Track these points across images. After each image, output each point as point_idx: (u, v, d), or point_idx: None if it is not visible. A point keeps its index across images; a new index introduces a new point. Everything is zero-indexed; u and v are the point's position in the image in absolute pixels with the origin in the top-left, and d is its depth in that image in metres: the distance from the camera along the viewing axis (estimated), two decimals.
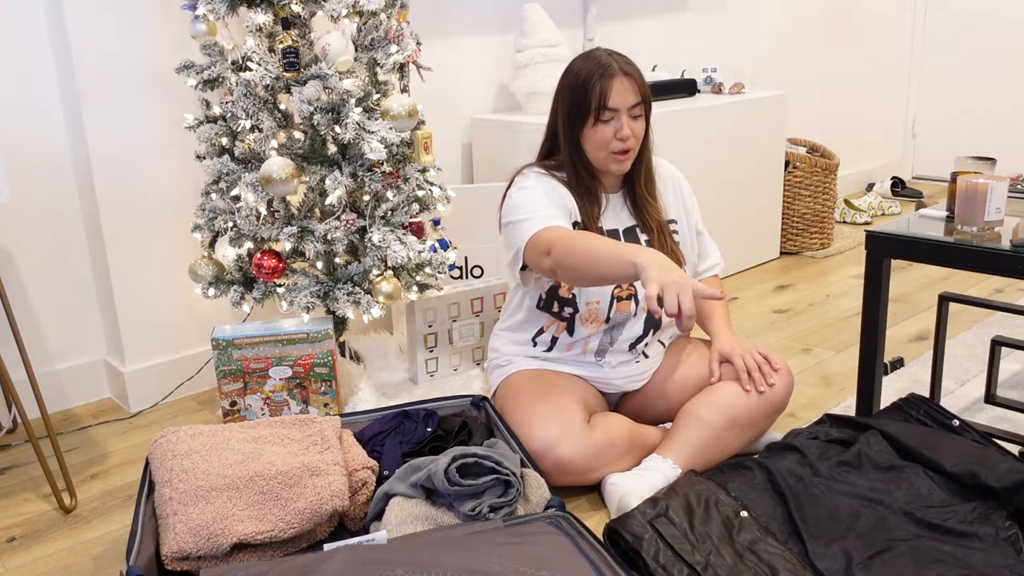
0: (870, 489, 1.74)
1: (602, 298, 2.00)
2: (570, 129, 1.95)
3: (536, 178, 1.98)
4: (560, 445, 1.84)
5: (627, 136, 1.90)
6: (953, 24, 4.77)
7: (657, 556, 1.60)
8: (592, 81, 1.89)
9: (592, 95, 1.89)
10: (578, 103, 1.92)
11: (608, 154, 1.93)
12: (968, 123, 4.81)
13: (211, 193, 2.24)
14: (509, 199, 1.98)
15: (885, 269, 1.99)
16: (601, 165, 1.97)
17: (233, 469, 1.67)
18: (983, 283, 3.25)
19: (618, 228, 2.04)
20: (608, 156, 1.93)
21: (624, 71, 1.90)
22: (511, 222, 1.92)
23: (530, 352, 2.10)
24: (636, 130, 1.92)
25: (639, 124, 1.94)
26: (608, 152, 1.93)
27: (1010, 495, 1.69)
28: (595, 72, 1.90)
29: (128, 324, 2.45)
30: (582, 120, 1.92)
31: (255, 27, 2.11)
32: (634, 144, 1.93)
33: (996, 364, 1.97)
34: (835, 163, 3.70)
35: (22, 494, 2.07)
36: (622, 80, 1.89)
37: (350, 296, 2.13)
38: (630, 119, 1.91)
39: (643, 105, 1.93)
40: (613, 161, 1.94)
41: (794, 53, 4.30)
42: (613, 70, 1.89)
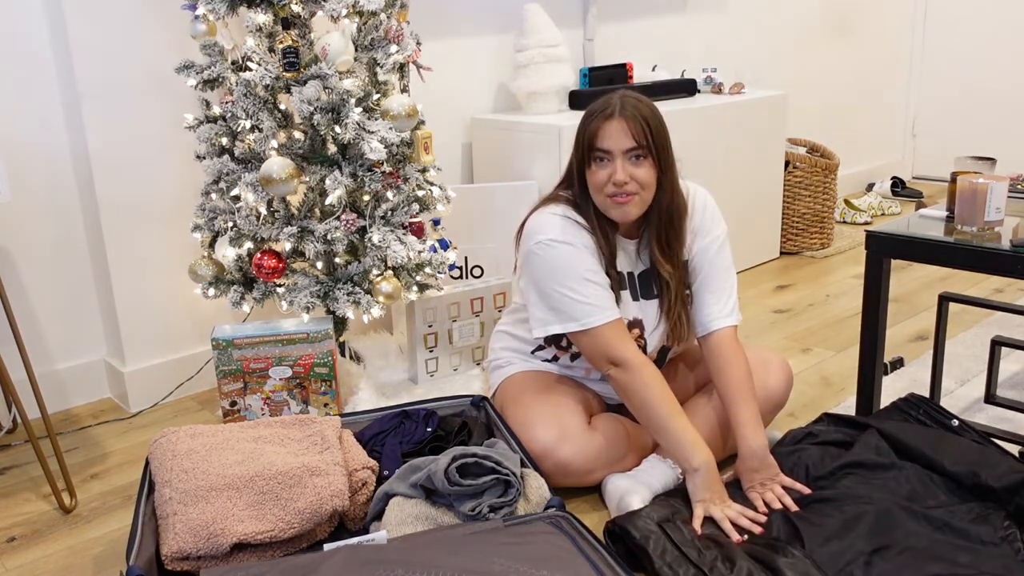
0: (869, 489, 1.74)
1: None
2: (578, 168, 1.87)
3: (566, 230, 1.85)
4: (561, 447, 1.84)
5: (621, 181, 1.77)
6: (953, 24, 4.77)
7: (664, 555, 1.60)
8: (590, 120, 1.81)
9: (587, 135, 1.81)
10: (578, 141, 1.85)
11: (605, 198, 1.82)
12: (968, 123, 4.81)
13: (211, 193, 2.24)
14: (544, 250, 1.85)
15: (885, 269, 1.99)
16: (602, 208, 1.85)
17: (233, 469, 1.67)
18: (983, 283, 3.25)
19: (635, 271, 1.95)
20: (606, 200, 1.82)
21: (623, 114, 1.77)
22: (557, 291, 1.83)
23: (530, 358, 2.11)
24: (636, 175, 1.78)
25: (641, 170, 1.79)
26: (604, 196, 1.81)
27: (1009, 495, 1.69)
28: (597, 111, 1.81)
29: (128, 324, 2.45)
30: (581, 160, 1.85)
31: (255, 27, 2.11)
32: (636, 190, 1.79)
33: (996, 364, 1.97)
34: (835, 163, 3.70)
35: (22, 494, 2.07)
36: (619, 123, 1.77)
37: (350, 296, 2.13)
38: (627, 163, 1.78)
39: (644, 150, 1.78)
40: (612, 206, 1.82)
41: (794, 53, 4.30)
42: (611, 112, 1.78)
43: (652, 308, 1.95)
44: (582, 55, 3.36)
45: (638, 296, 1.95)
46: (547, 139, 2.81)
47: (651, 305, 1.95)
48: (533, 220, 1.90)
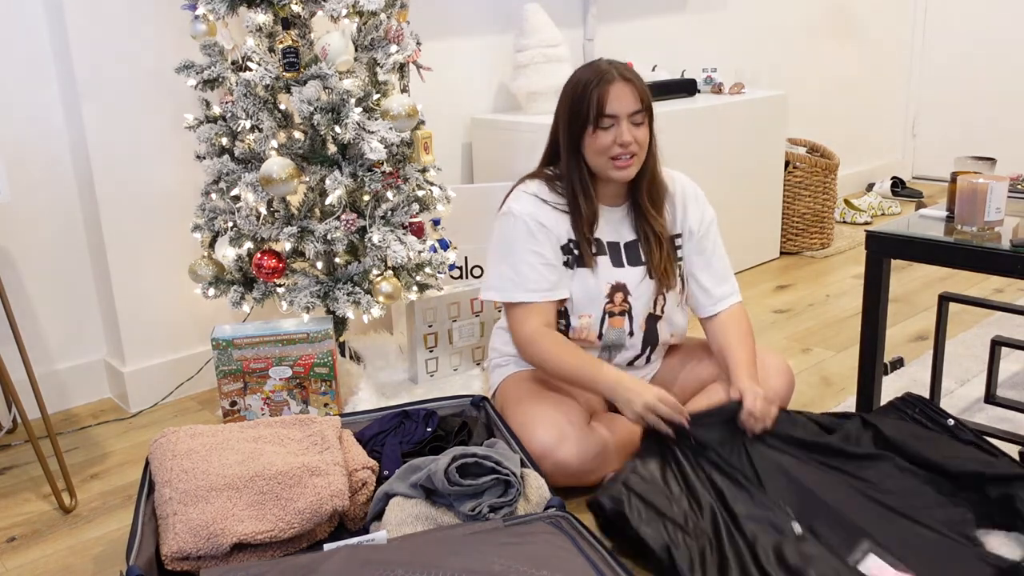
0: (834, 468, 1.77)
1: (593, 312, 1.99)
2: (571, 137, 1.93)
3: (530, 203, 1.97)
4: (561, 448, 1.84)
5: (628, 142, 1.88)
6: (953, 24, 4.77)
7: (640, 516, 1.63)
8: (591, 88, 1.87)
9: (591, 102, 1.87)
10: (577, 110, 1.90)
11: (608, 160, 1.90)
12: (968, 123, 4.81)
13: (211, 193, 2.24)
14: (499, 220, 2.00)
15: (885, 269, 1.99)
16: (602, 172, 1.94)
17: (233, 469, 1.67)
18: (983, 283, 3.25)
19: (619, 242, 2.02)
20: (608, 163, 1.91)
21: (624, 77, 1.88)
22: (498, 260, 1.99)
23: None
24: (638, 137, 1.89)
25: (641, 131, 1.90)
26: (608, 158, 1.90)
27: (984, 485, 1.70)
28: (594, 79, 1.88)
29: (128, 324, 2.45)
30: (582, 127, 1.90)
31: (255, 27, 2.11)
32: (636, 151, 1.90)
33: (996, 364, 1.97)
34: (835, 163, 3.70)
35: (22, 494, 2.07)
36: (621, 86, 1.87)
37: (350, 296, 2.13)
38: (631, 125, 1.88)
39: (644, 112, 1.90)
40: (614, 168, 1.91)
41: (794, 53, 4.30)
42: (612, 76, 1.87)
43: (636, 272, 2.01)
44: (582, 55, 3.36)
45: (623, 263, 2.00)
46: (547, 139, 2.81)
47: (637, 271, 2.01)
48: (508, 198, 2.02)
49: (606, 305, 1.99)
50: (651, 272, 2.01)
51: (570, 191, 1.96)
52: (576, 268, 1.98)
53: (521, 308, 1.95)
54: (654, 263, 2.01)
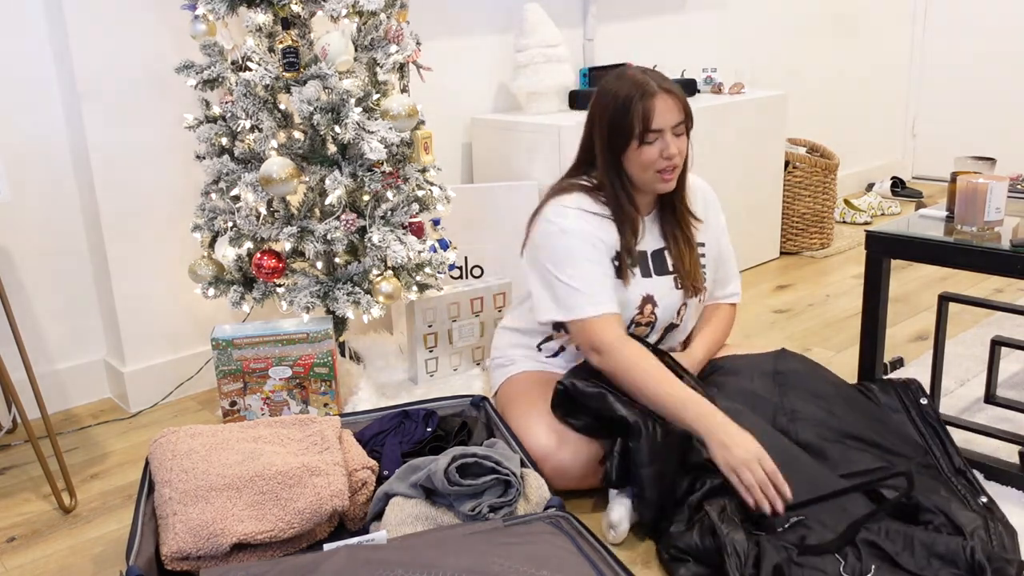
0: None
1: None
2: (611, 152, 1.89)
3: (580, 218, 1.90)
4: (560, 452, 1.85)
5: (673, 155, 1.84)
6: (953, 24, 4.77)
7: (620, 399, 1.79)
8: (633, 103, 1.83)
9: (635, 117, 1.83)
10: (619, 125, 1.85)
11: (654, 174, 1.88)
12: (968, 123, 4.80)
13: (211, 193, 2.24)
14: (550, 238, 1.90)
15: (885, 269, 1.99)
16: (645, 185, 1.91)
17: (233, 469, 1.67)
18: (983, 283, 3.25)
19: (646, 251, 1.99)
20: (654, 176, 1.88)
21: (664, 88, 1.84)
22: (558, 279, 1.88)
23: (534, 355, 2.11)
24: (681, 147, 1.87)
25: (683, 141, 1.88)
26: (654, 172, 1.87)
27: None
28: (634, 93, 1.83)
29: (128, 324, 2.45)
30: (624, 142, 1.86)
31: (255, 27, 2.11)
32: (679, 162, 1.88)
33: (996, 364, 1.97)
34: (835, 163, 3.70)
35: (22, 494, 2.07)
36: (664, 98, 1.83)
37: (350, 296, 2.13)
38: (674, 137, 1.86)
39: (686, 122, 1.88)
40: (659, 181, 1.88)
41: (794, 53, 4.29)
42: (653, 89, 1.83)
43: (665, 282, 1.99)
44: (582, 55, 3.36)
45: (651, 273, 1.98)
46: (547, 139, 2.81)
47: (664, 280, 1.99)
48: (547, 208, 1.94)
49: (635, 316, 1.96)
50: (679, 281, 2.00)
51: (614, 204, 1.92)
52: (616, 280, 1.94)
53: (597, 321, 1.85)
54: (684, 270, 1.99)
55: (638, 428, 1.72)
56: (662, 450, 1.72)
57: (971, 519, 1.62)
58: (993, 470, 1.91)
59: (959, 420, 2.01)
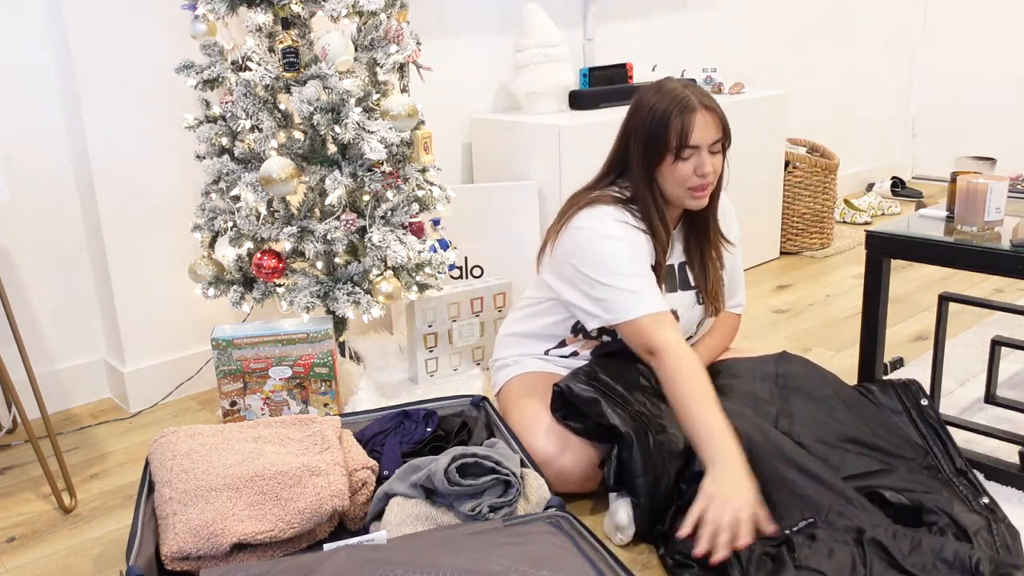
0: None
1: None
2: (645, 165, 1.86)
3: (622, 228, 1.87)
4: (562, 457, 1.85)
5: (707, 172, 1.83)
6: (953, 24, 4.77)
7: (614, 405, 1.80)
8: (671, 117, 1.80)
9: (672, 131, 1.80)
10: (655, 139, 1.82)
11: (686, 191, 1.85)
12: (968, 123, 4.80)
13: (211, 193, 2.24)
14: (591, 244, 1.85)
15: (885, 269, 1.99)
16: (677, 201, 1.89)
17: (233, 469, 1.67)
18: (983, 283, 3.25)
19: (673, 264, 1.99)
20: (686, 193, 1.86)
21: (704, 105, 1.81)
22: (602, 283, 1.83)
23: (539, 357, 2.10)
24: (716, 166, 1.85)
25: (718, 159, 1.86)
26: (686, 188, 1.85)
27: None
28: (673, 108, 1.80)
29: (128, 324, 2.45)
30: (659, 157, 1.84)
31: (255, 27, 2.11)
32: (713, 180, 1.86)
33: (996, 364, 1.97)
34: (835, 163, 3.70)
35: (22, 494, 2.07)
36: (704, 115, 1.80)
37: (350, 296, 2.13)
38: (710, 155, 1.83)
39: (723, 140, 1.85)
40: (691, 197, 1.86)
41: (794, 53, 4.29)
42: (693, 104, 1.80)
43: (687, 298, 1.99)
44: (582, 55, 3.36)
45: (675, 288, 1.98)
46: (547, 139, 2.81)
47: (687, 295, 1.99)
48: (582, 218, 1.89)
49: None
50: (700, 297, 2.00)
51: (647, 218, 1.90)
52: None
53: (651, 319, 1.78)
54: (708, 285, 1.99)
55: (629, 438, 1.72)
56: (657, 459, 1.72)
57: (974, 521, 1.61)
58: (993, 470, 1.91)
59: (959, 420, 2.01)
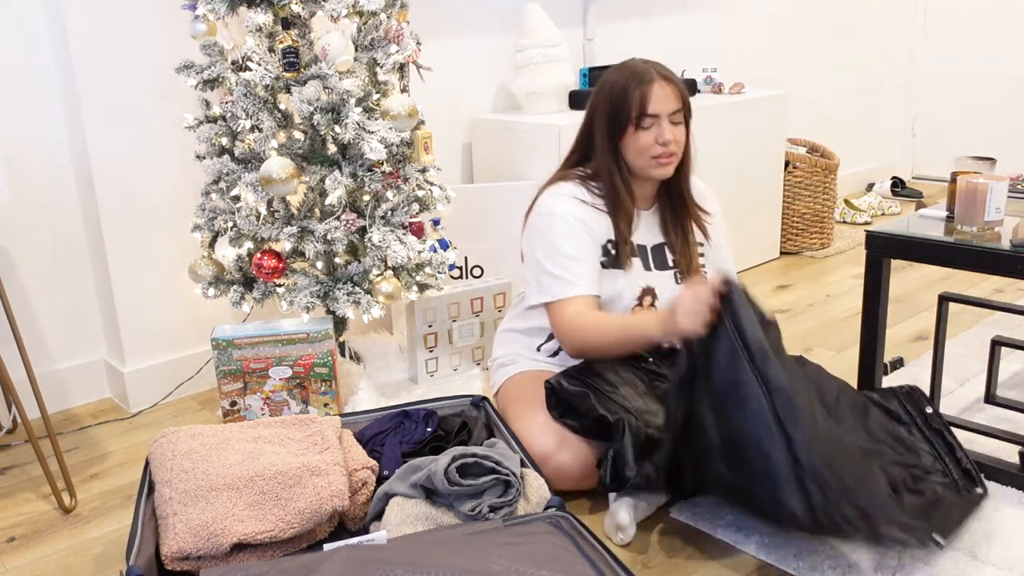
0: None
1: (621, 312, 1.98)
2: (609, 138, 1.93)
3: (571, 204, 1.94)
4: (560, 453, 1.85)
5: (668, 140, 1.89)
6: (953, 24, 4.77)
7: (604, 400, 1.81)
8: (631, 89, 1.88)
9: (632, 102, 1.87)
10: (617, 111, 1.90)
11: (649, 159, 1.91)
12: (968, 123, 4.80)
13: (211, 193, 2.24)
14: (539, 224, 1.95)
15: (885, 269, 1.99)
16: (643, 172, 1.94)
17: (233, 469, 1.67)
18: (983, 283, 3.25)
19: (647, 244, 2.02)
20: (649, 161, 1.91)
21: (663, 76, 1.89)
22: (543, 265, 1.92)
23: (534, 355, 2.11)
24: (678, 135, 1.91)
25: (680, 130, 1.92)
26: (649, 157, 1.91)
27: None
28: (632, 80, 1.88)
29: (128, 324, 2.45)
30: (622, 128, 1.90)
31: (255, 27, 2.11)
32: (676, 149, 1.91)
33: (996, 364, 1.97)
34: (835, 163, 3.70)
35: (22, 494, 2.07)
36: (661, 85, 1.88)
37: (350, 296, 2.13)
38: (671, 124, 1.90)
39: (683, 111, 1.92)
40: (655, 166, 1.92)
41: (794, 53, 4.29)
42: (651, 76, 1.88)
43: (665, 277, 2.01)
44: (582, 55, 3.36)
45: (651, 267, 2.01)
46: (547, 139, 2.81)
47: (665, 275, 2.01)
48: (540, 200, 1.99)
49: (634, 308, 1.98)
50: (679, 275, 2.02)
51: (609, 191, 1.96)
52: (611, 269, 1.97)
53: (567, 302, 1.90)
54: (685, 264, 2.01)
55: (621, 426, 1.73)
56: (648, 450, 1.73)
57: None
58: (993, 470, 1.91)
59: (959, 420, 2.01)
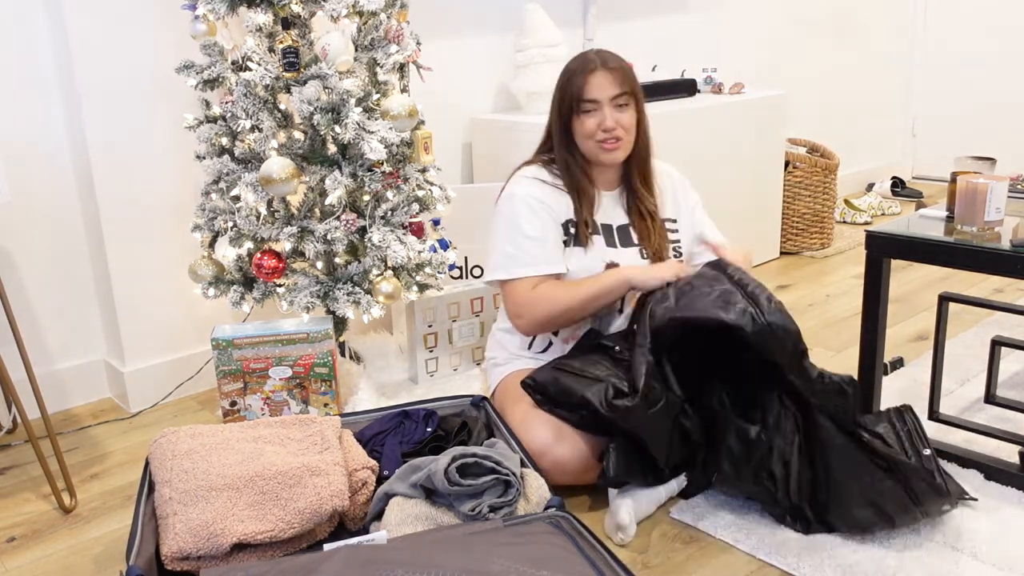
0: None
1: None
2: (561, 123, 2.03)
3: (530, 184, 2.04)
4: (558, 446, 1.85)
5: (611, 127, 1.97)
6: (953, 24, 4.77)
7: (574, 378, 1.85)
8: (574, 76, 1.99)
9: (574, 89, 1.98)
10: (563, 98, 2.01)
11: (595, 144, 2.00)
12: (968, 123, 4.80)
13: (211, 193, 2.24)
14: (501, 206, 2.05)
15: (885, 269, 1.99)
16: (592, 156, 2.03)
17: (233, 469, 1.67)
18: (983, 283, 3.25)
19: (612, 224, 2.08)
20: (596, 146, 2.00)
21: (606, 65, 1.98)
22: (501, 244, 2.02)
23: (525, 353, 2.12)
24: (622, 121, 1.98)
25: (626, 116, 1.99)
26: (595, 142, 2.00)
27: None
28: (576, 68, 1.99)
29: (128, 324, 2.45)
30: (569, 113, 2.01)
31: (255, 27, 2.11)
32: (622, 134, 1.99)
33: (996, 364, 1.97)
34: (835, 163, 3.70)
35: (22, 494, 2.07)
36: (603, 73, 1.97)
37: (350, 296, 2.13)
38: (614, 110, 1.97)
39: (627, 96, 1.99)
40: (601, 151, 2.00)
41: (794, 53, 4.29)
42: (594, 64, 1.98)
43: (630, 254, 2.07)
44: None
45: (616, 244, 2.08)
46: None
47: (630, 252, 2.07)
48: (506, 183, 2.09)
49: None
50: (644, 252, 2.07)
51: (565, 174, 2.05)
52: (573, 247, 2.03)
53: (520, 282, 1.98)
54: (649, 242, 2.07)
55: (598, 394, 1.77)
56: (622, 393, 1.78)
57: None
58: (993, 470, 1.91)
59: (959, 420, 2.01)
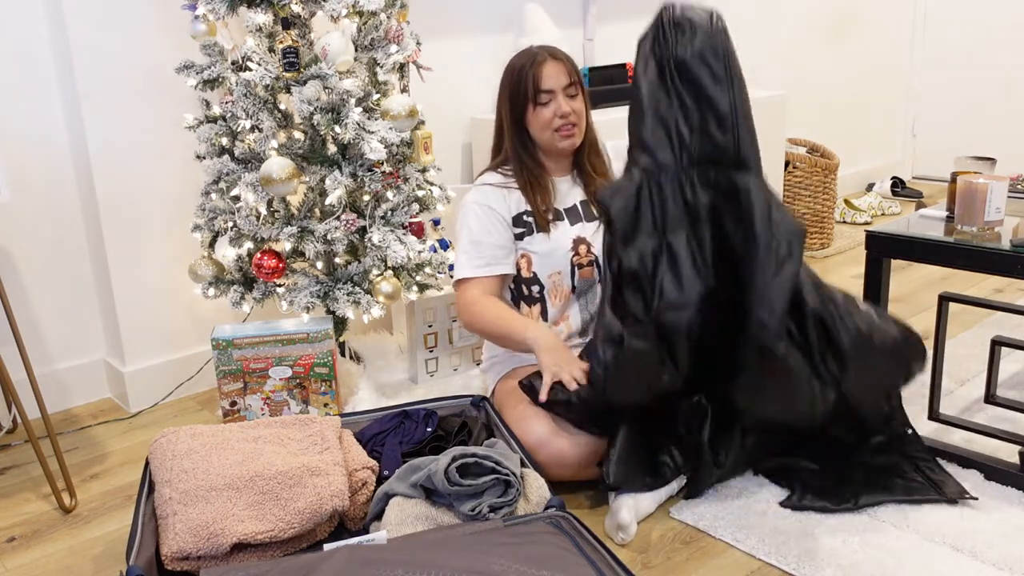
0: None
1: (563, 268, 2.08)
2: (514, 118, 2.08)
3: (479, 192, 2.10)
4: (555, 439, 1.86)
5: (567, 112, 2.03)
6: (953, 24, 4.77)
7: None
8: (526, 70, 2.04)
9: (528, 81, 2.03)
10: (516, 92, 2.06)
11: (553, 133, 2.05)
12: (968, 123, 4.80)
13: (211, 193, 2.24)
14: (463, 211, 2.11)
15: (885, 269, 1.99)
16: (550, 145, 2.07)
17: (233, 469, 1.67)
18: (983, 283, 3.25)
19: (574, 203, 2.14)
20: (553, 135, 2.05)
21: (554, 56, 2.05)
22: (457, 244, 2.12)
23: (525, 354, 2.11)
24: (575, 107, 2.05)
25: (577, 103, 2.06)
26: (552, 131, 2.05)
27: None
28: (526, 62, 2.05)
29: (128, 324, 2.45)
30: (523, 107, 2.05)
31: (255, 27, 2.11)
32: (576, 120, 2.06)
33: (996, 364, 1.97)
34: (835, 163, 3.70)
35: (22, 494, 2.07)
36: (553, 64, 2.03)
37: (350, 296, 2.13)
38: (567, 98, 2.04)
39: (576, 85, 2.06)
40: (560, 138, 2.06)
41: (794, 53, 4.29)
42: (542, 57, 2.04)
43: (591, 227, 2.13)
44: (582, 55, 3.36)
45: (580, 219, 2.13)
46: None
47: (591, 225, 2.13)
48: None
49: (573, 258, 2.09)
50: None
51: (518, 168, 2.10)
52: (536, 233, 2.08)
53: (466, 282, 2.07)
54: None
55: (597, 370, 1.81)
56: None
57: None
58: (993, 470, 1.91)
59: (959, 420, 2.01)
